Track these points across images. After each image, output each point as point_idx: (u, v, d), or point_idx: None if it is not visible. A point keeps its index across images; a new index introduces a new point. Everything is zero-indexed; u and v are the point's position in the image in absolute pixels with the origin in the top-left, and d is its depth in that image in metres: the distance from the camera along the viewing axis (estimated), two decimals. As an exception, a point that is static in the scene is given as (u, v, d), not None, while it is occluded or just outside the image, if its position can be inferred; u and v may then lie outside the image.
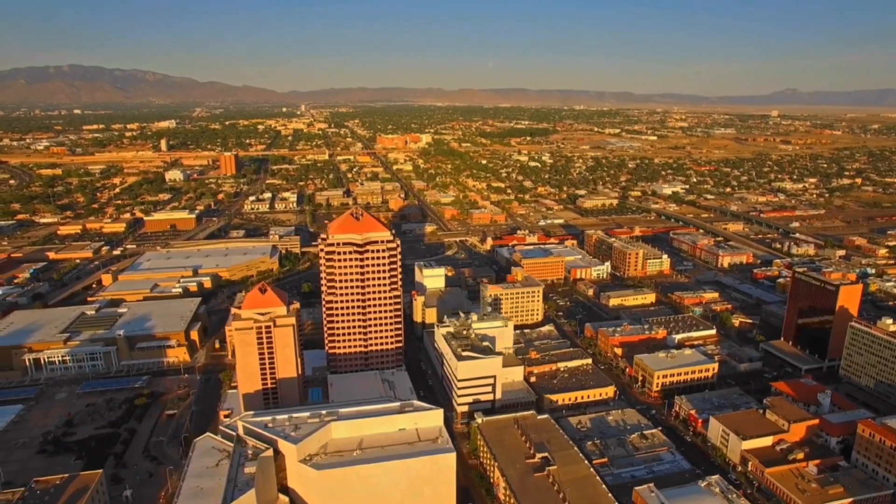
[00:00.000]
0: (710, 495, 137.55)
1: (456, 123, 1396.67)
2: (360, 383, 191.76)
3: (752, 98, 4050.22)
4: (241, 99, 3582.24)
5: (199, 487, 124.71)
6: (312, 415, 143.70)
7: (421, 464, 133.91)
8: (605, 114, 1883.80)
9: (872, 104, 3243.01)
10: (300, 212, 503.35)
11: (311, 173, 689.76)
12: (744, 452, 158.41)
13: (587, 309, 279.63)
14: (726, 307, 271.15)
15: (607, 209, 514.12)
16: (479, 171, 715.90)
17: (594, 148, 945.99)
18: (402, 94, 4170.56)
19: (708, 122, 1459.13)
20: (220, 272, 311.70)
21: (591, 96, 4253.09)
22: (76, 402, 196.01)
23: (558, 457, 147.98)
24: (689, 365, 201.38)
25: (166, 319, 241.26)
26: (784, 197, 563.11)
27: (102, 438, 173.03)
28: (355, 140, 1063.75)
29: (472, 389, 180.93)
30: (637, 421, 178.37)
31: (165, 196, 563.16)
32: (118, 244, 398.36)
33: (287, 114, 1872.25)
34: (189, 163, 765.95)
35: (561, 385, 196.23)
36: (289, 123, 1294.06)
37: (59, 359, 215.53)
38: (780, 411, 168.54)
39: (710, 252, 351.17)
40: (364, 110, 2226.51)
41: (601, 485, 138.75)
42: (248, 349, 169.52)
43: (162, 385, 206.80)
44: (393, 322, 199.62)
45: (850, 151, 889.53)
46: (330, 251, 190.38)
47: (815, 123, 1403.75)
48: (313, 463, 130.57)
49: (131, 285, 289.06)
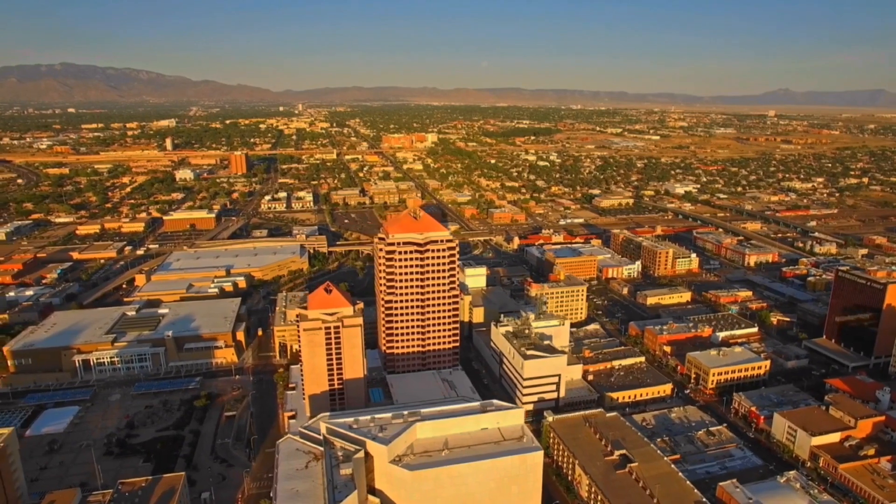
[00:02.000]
0: (792, 491, 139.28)
1: (458, 123, 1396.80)
2: (420, 383, 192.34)
3: (745, 98, 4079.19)
4: (235, 98, 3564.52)
5: (295, 490, 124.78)
6: (395, 415, 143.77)
7: (510, 462, 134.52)
8: (604, 113, 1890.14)
9: (864, 104, 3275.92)
10: (318, 211, 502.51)
11: (322, 173, 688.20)
12: (814, 448, 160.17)
13: (624, 308, 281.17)
14: (762, 305, 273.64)
15: (624, 208, 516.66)
16: (490, 170, 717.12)
17: (599, 147, 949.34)
18: (397, 94, 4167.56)
19: (707, 121, 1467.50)
20: (252, 272, 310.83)
21: (587, 96, 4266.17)
22: (131, 403, 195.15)
23: (636, 454, 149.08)
24: (741, 363, 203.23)
25: (210, 320, 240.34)
26: (795, 196, 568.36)
27: (167, 440, 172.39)
28: (360, 139, 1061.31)
29: (537, 388, 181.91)
30: (700, 418, 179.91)
31: (178, 195, 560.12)
32: (140, 244, 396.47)
33: (285, 113, 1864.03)
34: (197, 162, 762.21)
35: (619, 383, 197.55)
36: (290, 123, 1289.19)
37: (108, 360, 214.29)
38: (844, 408, 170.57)
39: (737, 251, 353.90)
40: (362, 109, 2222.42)
41: (685, 481, 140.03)
42: (316, 350, 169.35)
43: (214, 386, 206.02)
44: (450, 321, 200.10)
45: (851, 151, 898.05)
46: (390, 251, 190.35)
47: (812, 123, 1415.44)
48: (405, 464, 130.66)
49: (166, 285, 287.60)
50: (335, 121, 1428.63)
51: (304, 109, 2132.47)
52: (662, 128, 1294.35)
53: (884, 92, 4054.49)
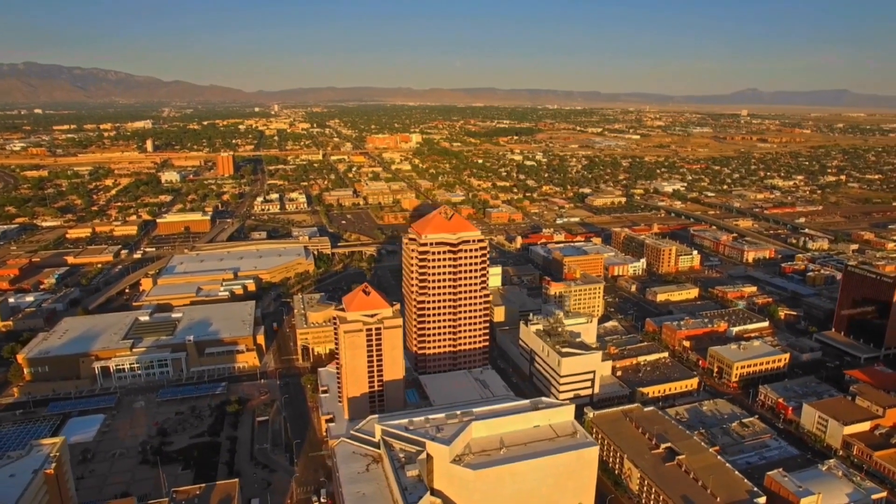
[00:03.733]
0: (835, 478, 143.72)
1: (439, 123, 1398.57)
2: (454, 383, 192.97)
3: (716, 97, 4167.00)
4: (208, 98, 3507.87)
5: (362, 493, 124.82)
6: (449, 415, 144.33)
7: (568, 458, 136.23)
8: (580, 113, 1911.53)
9: (829, 104, 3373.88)
10: (312, 212, 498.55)
11: (310, 174, 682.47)
12: (846, 437, 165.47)
13: (635, 305, 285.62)
14: (768, 300, 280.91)
15: (616, 207, 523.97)
16: (479, 170, 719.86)
17: (583, 147, 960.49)
18: (372, 94, 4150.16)
19: (682, 120, 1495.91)
20: (260, 274, 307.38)
21: (560, 95, 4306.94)
22: (158, 410, 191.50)
23: (682, 446, 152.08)
24: (762, 356, 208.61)
25: (228, 324, 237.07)
26: (780, 194, 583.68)
27: (204, 447, 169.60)
28: (343, 140, 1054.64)
29: (573, 385, 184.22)
30: (730, 410, 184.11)
31: (166, 197, 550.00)
32: (135, 247, 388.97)
33: (261, 113, 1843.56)
34: (180, 164, 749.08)
35: (647, 378, 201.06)
36: (270, 123, 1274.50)
37: (129, 366, 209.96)
38: (871, 397, 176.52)
39: (735, 248, 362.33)
40: (339, 110, 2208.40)
41: (734, 471, 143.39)
42: (357, 352, 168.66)
43: (240, 391, 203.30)
44: (481, 321, 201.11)
45: (825, 150, 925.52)
46: (423, 251, 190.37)
47: (784, 123, 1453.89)
48: (466, 463, 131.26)
49: (174, 289, 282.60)
50: (315, 121, 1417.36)
51: (280, 110, 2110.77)
52: (641, 127, 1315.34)
53: (847, 92, 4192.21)
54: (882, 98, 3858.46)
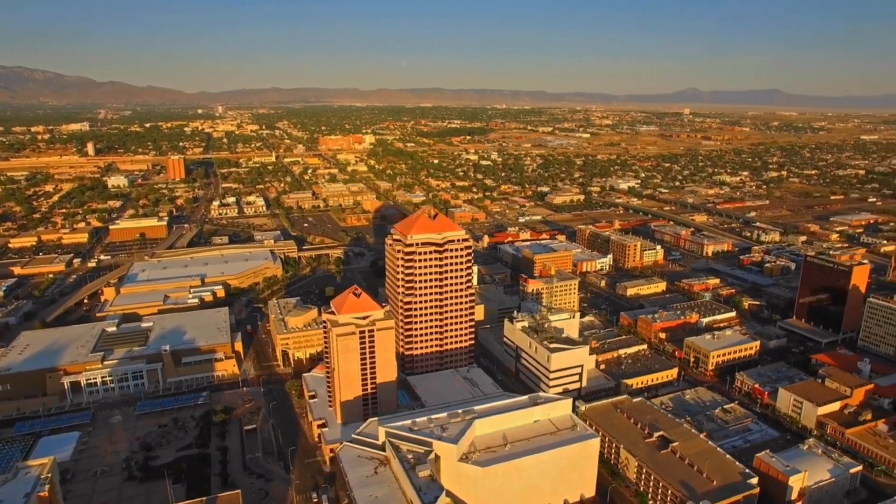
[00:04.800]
0: (816, 456, 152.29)
1: (390, 123, 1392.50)
2: (443, 383, 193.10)
3: (658, 96, 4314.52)
4: (146, 100, 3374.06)
5: (374, 496, 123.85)
6: (451, 414, 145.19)
7: (571, 451, 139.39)
8: (529, 112, 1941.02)
9: (762, 103, 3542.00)
10: (272, 216, 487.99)
11: (265, 176, 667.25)
12: (820, 417, 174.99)
13: (606, 299, 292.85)
14: (731, 292, 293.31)
15: (576, 205, 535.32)
16: (436, 170, 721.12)
17: (536, 146, 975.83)
18: (317, 95, 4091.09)
19: (629, 119, 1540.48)
20: (228, 280, 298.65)
21: (507, 95, 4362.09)
22: (137, 424, 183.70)
23: (673, 434, 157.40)
24: (735, 344, 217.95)
25: (203, 332, 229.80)
26: (729, 189, 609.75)
27: (193, 459, 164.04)
28: (294, 142, 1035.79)
29: (562, 379, 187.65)
30: (711, 398, 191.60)
31: (115, 203, 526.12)
32: (88, 255, 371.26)
33: (204, 115, 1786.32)
34: (126, 167, 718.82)
35: (629, 370, 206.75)
36: (218, 125, 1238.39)
37: (101, 380, 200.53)
38: (839, 379, 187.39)
39: (695, 242, 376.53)
40: (286, 111, 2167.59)
41: (725, 455, 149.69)
42: (350, 355, 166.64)
43: (223, 400, 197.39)
44: (467, 320, 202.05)
45: (765, 147, 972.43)
46: (410, 252, 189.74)
47: (724, 121, 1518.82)
48: (474, 461, 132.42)
49: (140, 298, 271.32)
50: (263, 123, 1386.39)
51: (224, 112, 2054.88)
52: (590, 126, 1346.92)
53: (779, 91, 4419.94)
54: (810, 98, 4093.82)
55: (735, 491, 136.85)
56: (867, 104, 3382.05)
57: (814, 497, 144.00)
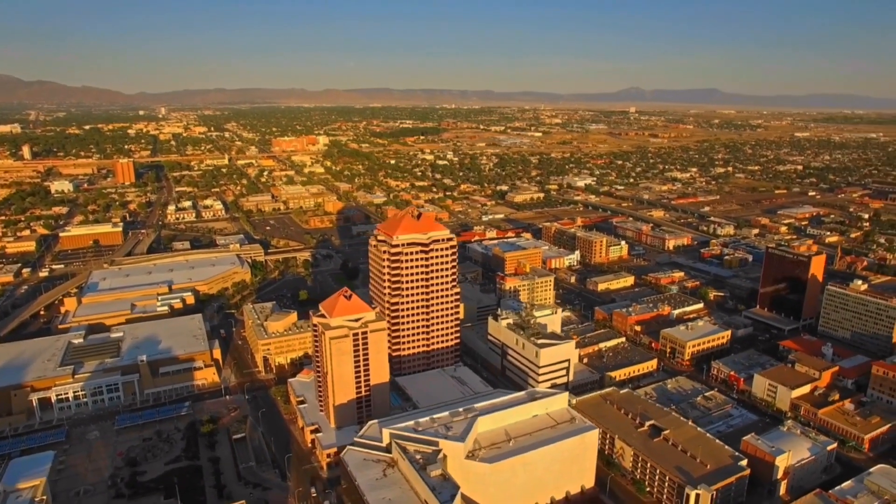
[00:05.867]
0: (795, 436, 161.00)
1: (342, 124, 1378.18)
2: (432, 383, 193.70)
3: (602, 95, 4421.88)
4: (81, 101, 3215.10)
5: (387, 499, 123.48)
6: (452, 413, 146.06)
7: (572, 444, 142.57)
8: (479, 112, 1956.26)
9: (701, 101, 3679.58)
10: (231, 219, 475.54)
11: (220, 179, 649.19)
12: (794, 400, 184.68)
13: (577, 295, 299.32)
14: (696, 284, 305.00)
15: (536, 203, 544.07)
16: (393, 170, 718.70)
17: (490, 145, 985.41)
18: (263, 96, 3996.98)
19: (577, 118, 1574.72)
20: (197, 286, 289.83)
21: (455, 95, 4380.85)
22: (118, 439, 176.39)
23: (664, 422, 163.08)
24: (709, 334, 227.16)
25: (179, 340, 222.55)
26: (681, 185, 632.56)
27: (184, 472, 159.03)
28: (246, 143, 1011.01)
29: (550, 374, 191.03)
30: (691, 386, 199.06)
31: (61, 209, 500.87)
32: (38, 265, 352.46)
33: (147, 117, 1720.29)
34: (69, 172, 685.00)
35: (611, 363, 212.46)
36: (163, 127, 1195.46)
37: (73, 395, 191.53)
38: (808, 363, 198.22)
39: (656, 237, 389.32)
40: (232, 112, 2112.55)
41: (715, 440, 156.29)
42: (344, 358, 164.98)
43: (207, 409, 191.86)
44: (453, 319, 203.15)
45: (710, 144, 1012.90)
46: (396, 252, 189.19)
47: (668, 119, 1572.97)
48: (481, 458, 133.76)
49: (104, 307, 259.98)
50: (211, 125, 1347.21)
51: (168, 113, 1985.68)
52: (541, 125, 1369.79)
53: (717, 90, 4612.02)
54: (746, 97, 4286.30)
55: (728, 473, 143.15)
56: (796, 103, 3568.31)
57: (796, 475, 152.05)
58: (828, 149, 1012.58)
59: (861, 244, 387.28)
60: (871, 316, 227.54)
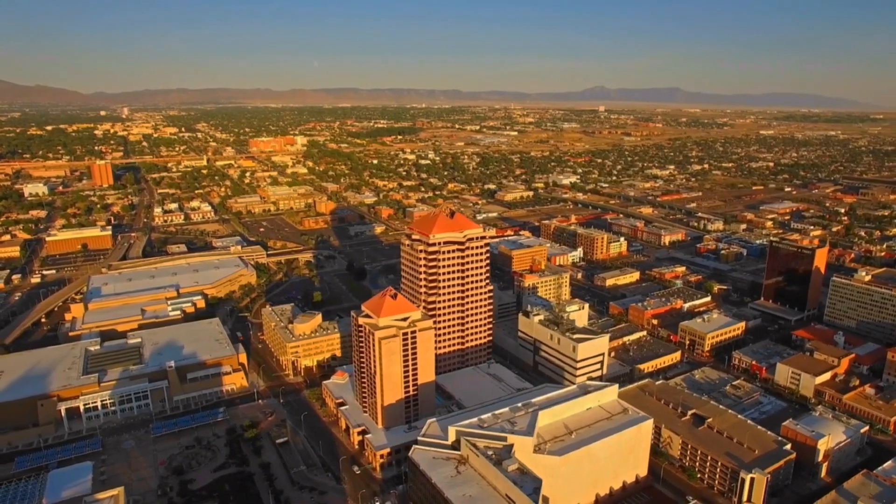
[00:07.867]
0: (828, 421, 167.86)
1: (316, 124, 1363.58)
2: (470, 380, 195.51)
3: (568, 94, 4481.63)
4: (35, 101, 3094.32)
5: (468, 495, 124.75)
6: (513, 409, 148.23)
7: (630, 434, 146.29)
8: (451, 111, 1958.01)
9: (666, 100, 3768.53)
10: (222, 221, 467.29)
11: (201, 181, 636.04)
12: (818, 387, 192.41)
13: (587, 290, 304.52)
14: (699, 278, 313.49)
15: (527, 201, 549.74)
16: (378, 170, 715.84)
17: (469, 144, 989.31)
18: (228, 96, 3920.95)
19: (549, 117, 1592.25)
20: (205, 289, 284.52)
21: (423, 94, 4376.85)
22: (155, 447, 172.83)
23: (705, 411, 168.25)
24: (726, 326, 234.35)
25: (202, 345, 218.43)
26: (662, 182, 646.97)
27: (234, 478, 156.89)
28: (220, 144, 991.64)
29: (586, 368, 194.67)
30: (718, 376, 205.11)
31: (39, 213, 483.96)
32: (27, 270, 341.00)
33: (109, 118, 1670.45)
34: (39, 174, 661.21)
35: (637, 356, 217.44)
36: (131, 128, 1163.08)
37: (101, 403, 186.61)
38: (826, 351, 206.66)
39: (653, 233, 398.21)
40: (199, 113, 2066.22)
41: (756, 426, 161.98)
42: (394, 358, 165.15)
43: (243, 415, 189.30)
44: (486, 317, 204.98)
45: (681, 142, 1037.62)
46: (433, 251, 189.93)
47: (638, 118, 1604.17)
48: (549, 450, 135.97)
49: (113, 313, 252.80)
50: (181, 125, 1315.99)
51: (131, 114, 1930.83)
52: (514, 124, 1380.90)
53: (679, 90, 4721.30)
54: (707, 95, 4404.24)
55: (776, 458, 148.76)
56: (754, 102, 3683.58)
57: (835, 458, 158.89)
58: (793, 146, 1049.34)
59: (843, 237, 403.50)
60: (876, 305, 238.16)
